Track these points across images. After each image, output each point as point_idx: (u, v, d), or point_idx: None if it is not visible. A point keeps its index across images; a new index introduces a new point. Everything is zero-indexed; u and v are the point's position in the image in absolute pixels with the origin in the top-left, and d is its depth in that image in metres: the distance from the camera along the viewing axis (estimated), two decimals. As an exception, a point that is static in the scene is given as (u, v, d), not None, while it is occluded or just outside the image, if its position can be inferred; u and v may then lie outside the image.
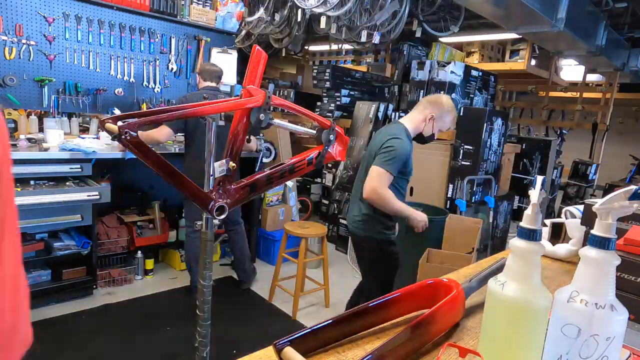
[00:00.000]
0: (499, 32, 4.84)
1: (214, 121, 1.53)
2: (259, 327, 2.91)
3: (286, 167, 1.68)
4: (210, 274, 1.62)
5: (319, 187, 5.45)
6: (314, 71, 5.21)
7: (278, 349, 0.62)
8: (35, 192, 2.63)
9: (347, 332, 0.72)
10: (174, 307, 3.07)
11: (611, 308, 0.51)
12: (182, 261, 3.68)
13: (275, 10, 4.60)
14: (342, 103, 5.05)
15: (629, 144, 7.17)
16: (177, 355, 2.51)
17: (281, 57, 7.52)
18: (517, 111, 6.98)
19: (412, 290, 0.81)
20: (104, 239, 3.25)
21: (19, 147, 2.72)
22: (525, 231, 0.58)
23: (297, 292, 3.07)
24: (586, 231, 1.17)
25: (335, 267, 3.99)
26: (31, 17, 3.22)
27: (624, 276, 0.83)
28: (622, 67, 5.36)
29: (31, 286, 2.82)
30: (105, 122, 1.25)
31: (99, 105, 3.60)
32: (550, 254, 1.26)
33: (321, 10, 3.68)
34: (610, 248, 0.53)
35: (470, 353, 0.63)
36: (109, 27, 3.58)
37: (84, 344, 2.53)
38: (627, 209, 0.54)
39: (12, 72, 3.16)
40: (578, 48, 4.33)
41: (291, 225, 3.25)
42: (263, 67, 1.63)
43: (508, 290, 0.57)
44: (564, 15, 3.48)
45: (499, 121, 3.87)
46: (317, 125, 1.81)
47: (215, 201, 1.51)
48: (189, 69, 4.14)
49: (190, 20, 3.93)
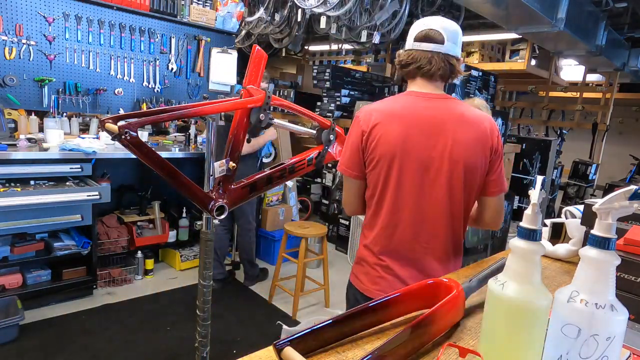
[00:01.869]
0: (499, 32, 4.83)
1: (213, 121, 1.53)
2: (259, 327, 2.91)
3: (286, 167, 1.68)
4: (210, 273, 1.62)
5: (319, 187, 5.45)
6: (314, 71, 5.21)
7: (278, 349, 0.62)
8: (35, 192, 2.63)
9: (347, 332, 0.72)
10: (174, 307, 3.07)
11: (611, 308, 0.51)
12: (182, 261, 3.69)
13: (275, 10, 4.60)
14: (342, 103, 5.05)
15: (629, 144, 7.17)
16: (177, 355, 2.51)
17: (281, 57, 7.54)
18: (517, 111, 6.97)
19: (412, 290, 0.81)
20: (104, 239, 3.25)
21: (19, 147, 2.71)
22: (525, 231, 0.58)
23: (297, 292, 3.07)
24: (586, 231, 1.18)
25: (335, 267, 3.99)
26: (31, 17, 3.22)
27: (624, 276, 0.83)
28: (622, 67, 5.36)
29: (31, 286, 2.83)
30: (105, 122, 1.25)
31: (99, 105, 3.61)
32: (550, 254, 1.26)
33: (321, 10, 3.68)
34: (610, 248, 0.53)
35: (470, 353, 0.63)
36: (109, 27, 3.58)
37: (84, 344, 2.53)
38: (627, 209, 0.54)
39: (12, 72, 3.16)
40: (578, 48, 4.33)
41: (291, 225, 3.26)
42: (263, 67, 1.63)
43: (508, 290, 0.57)
44: (563, 15, 3.48)
45: (499, 121, 3.87)
46: (317, 125, 1.81)
47: (215, 201, 1.51)
48: (189, 69, 4.14)
49: (190, 20, 3.93)
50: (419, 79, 1.25)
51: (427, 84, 1.24)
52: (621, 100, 6.50)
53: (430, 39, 1.20)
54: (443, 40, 1.19)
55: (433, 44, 1.19)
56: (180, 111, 1.40)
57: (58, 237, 3.02)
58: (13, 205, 2.53)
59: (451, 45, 1.21)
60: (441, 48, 1.19)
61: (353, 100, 5.08)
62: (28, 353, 2.41)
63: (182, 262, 3.69)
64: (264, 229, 4.06)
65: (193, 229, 3.77)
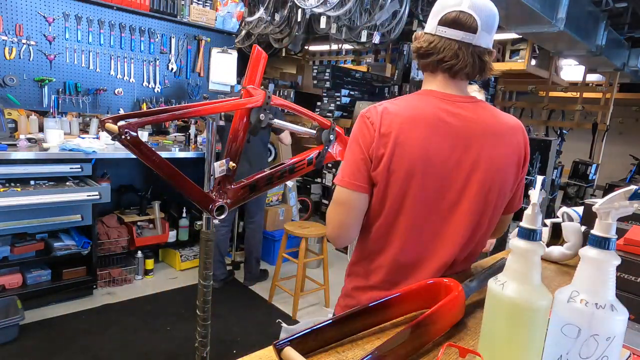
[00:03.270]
0: (499, 32, 4.82)
1: (213, 121, 1.53)
2: (259, 327, 2.91)
3: (286, 167, 1.68)
4: (210, 273, 1.62)
5: (319, 187, 5.45)
6: (314, 71, 5.21)
7: (278, 349, 0.62)
8: (35, 192, 2.63)
9: (347, 332, 0.72)
10: (174, 307, 3.07)
11: (611, 308, 0.51)
12: (182, 261, 3.69)
13: (275, 10, 4.60)
14: (342, 103, 5.05)
15: (629, 144, 7.16)
16: (177, 355, 2.51)
17: (281, 57, 7.53)
18: (517, 111, 6.97)
19: (412, 290, 0.81)
20: (104, 239, 3.25)
21: (19, 147, 2.71)
22: (525, 231, 0.58)
23: (297, 292, 3.07)
24: (586, 231, 1.17)
25: (335, 267, 3.99)
26: (31, 17, 3.22)
27: (624, 276, 0.83)
28: (622, 67, 5.36)
29: (31, 286, 2.83)
30: (105, 122, 1.25)
31: (99, 105, 3.61)
32: (543, 256, 1.25)
33: (321, 10, 3.68)
34: (610, 248, 0.53)
35: (470, 353, 0.63)
36: (109, 27, 3.58)
37: (84, 344, 2.53)
38: (627, 209, 0.54)
39: (12, 72, 3.16)
40: (578, 48, 4.33)
41: (291, 225, 3.25)
42: (263, 67, 1.63)
43: (508, 290, 0.57)
44: (564, 15, 3.48)
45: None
46: (317, 125, 1.81)
47: (215, 201, 1.51)
48: (189, 69, 4.14)
49: (190, 20, 3.93)
50: (440, 75, 1.00)
51: (449, 82, 1.00)
52: (621, 100, 6.50)
53: (461, 24, 0.93)
54: (476, 28, 0.93)
55: (462, 32, 0.94)
56: (180, 111, 1.40)
57: (58, 237, 3.02)
58: (13, 205, 2.53)
59: (485, 36, 0.95)
60: (472, 38, 0.94)
61: (353, 100, 5.08)
62: (28, 353, 2.41)
63: (182, 262, 3.69)
64: (264, 229, 4.06)
65: (193, 229, 3.77)
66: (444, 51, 0.96)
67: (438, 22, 0.96)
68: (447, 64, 0.96)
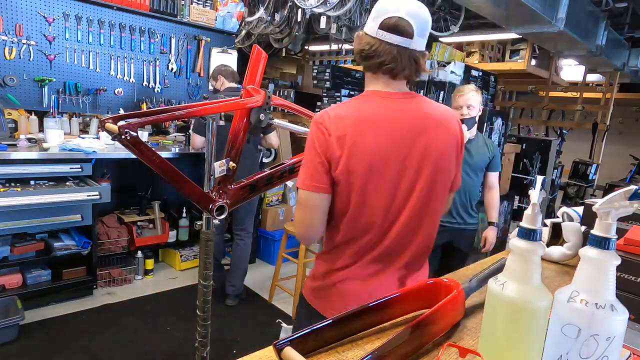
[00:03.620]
0: (499, 32, 4.83)
1: (213, 121, 1.54)
2: (259, 327, 2.91)
3: (286, 167, 1.68)
4: (210, 273, 1.62)
5: (319, 187, 5.43)
6: (314, 71, 5.20)
7: (278, 349, 0.62)
8: (35, 192, 2.63)
9: (347, 332, 0.72)
10: (174, 307, 3.07)
11: (611, 308, 0.51)
12: (182, 261, 3.69)
13: (275, 10, 4.60)
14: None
15: (629, 144, 7.17)
16: (177, 355, 2.51)
17: (281, 57, 7.53)
18: (517, 111, 6.97)
19: (412, 290, 0.81)
20: (104, 239, 3.25)
21: (19, 147, 2.72)
22: (525, 231, 0.58)
23: (297, 292, 3.07)
24: (586, 231, 1.17)
25: (335, 267, 3.99)
26: (31, 17, 3.21)
27: (624, 276, 0.83)
28: (622, 67, 5.35)
29: (31, 286, 2.83)
30: (105, 122, 1.25)
31: (99, 105, 3.61)
32: (543, 256, 1.25)
33: (321, 10, 3.68)
34: (610, 248, 0.53)
35: (470, 353, 0.63)
36: (109, 27, 3.58)
37: (84, 344, 2.53)
38: (627, 209, 0.54)
39: (12, 72, 3.16)
40: (578, 48, 4.33)
41: (291, 225, 3.25)
42: (263, 67, 1.63)
43: (508, 290, 0.57)
44: (564, 15, 3.48)
45: (499, 121, 3.87)
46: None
47: (215, 201, 1.51)
48: (189, 69, 4.14)
49: (190, 20, 3.93)
50: (381, 77, 1.09)
51: (391, 82, 1.09)
52: (621, 100, 6.50)
53: (399, 30, 1.01)
54: (412, 33, 1.02)
55: (401, 37, 1.01)
56: (180, 111, 1.40)
57: (58, 237, 3.02)
58: (13, 205, 2.53)
59: (420, 40, 1.04)
60: (409, 43, 1.02)
61: (353, 100, 5.07)
62: (28, 353, 2.41)
63: (182, 262, 3.69)
64: (264, 229, 4.06)
65: (193, 229, 3.77)
66: (384, 55, 1.04)
67: (378, 26, 1.03)
68: (387, 67, 1.05)
